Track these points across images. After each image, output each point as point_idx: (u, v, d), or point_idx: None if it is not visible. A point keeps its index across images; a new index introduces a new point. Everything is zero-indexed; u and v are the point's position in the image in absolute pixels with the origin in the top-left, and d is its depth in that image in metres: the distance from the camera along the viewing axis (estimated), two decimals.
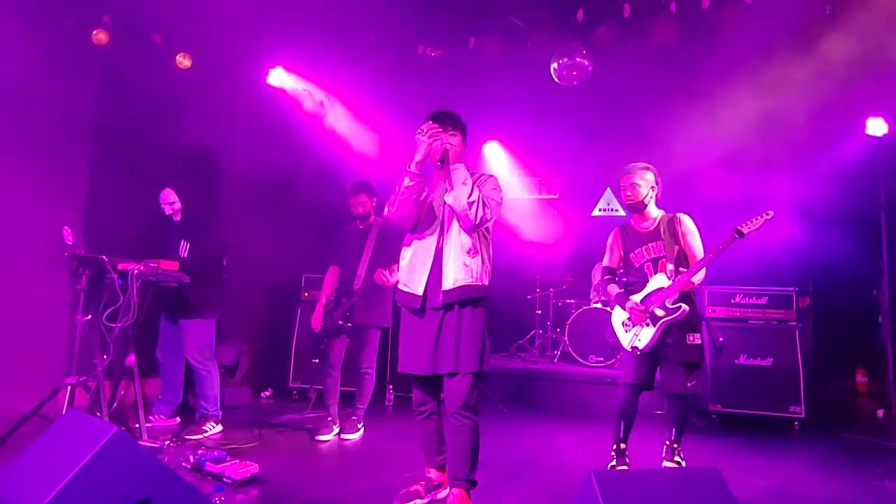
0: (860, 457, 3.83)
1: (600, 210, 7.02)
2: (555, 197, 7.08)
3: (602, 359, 5.64)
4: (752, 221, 2.92)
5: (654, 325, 3.03)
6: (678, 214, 3.22)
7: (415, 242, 2.73)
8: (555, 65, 5.12)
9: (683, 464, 3.18)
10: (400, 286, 2.76)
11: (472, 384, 2.60)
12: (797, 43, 4.66)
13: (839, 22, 4.51)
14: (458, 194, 2.56)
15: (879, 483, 3.26)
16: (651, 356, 3.09)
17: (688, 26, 4.78)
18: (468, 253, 2.63)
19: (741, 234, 2.92)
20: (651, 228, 3.21)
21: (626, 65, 5.09)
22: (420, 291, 2.64)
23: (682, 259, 3.12)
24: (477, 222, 2.58)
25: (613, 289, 3.28)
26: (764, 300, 4.58)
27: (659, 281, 3.10)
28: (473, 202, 2.55)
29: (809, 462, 3.72)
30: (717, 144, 5.01)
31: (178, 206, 4.00)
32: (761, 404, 4.39)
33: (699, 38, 4.80)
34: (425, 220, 2.71)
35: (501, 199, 2.75)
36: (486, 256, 2.70)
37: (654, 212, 3.23)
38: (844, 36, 4.51)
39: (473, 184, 2.60)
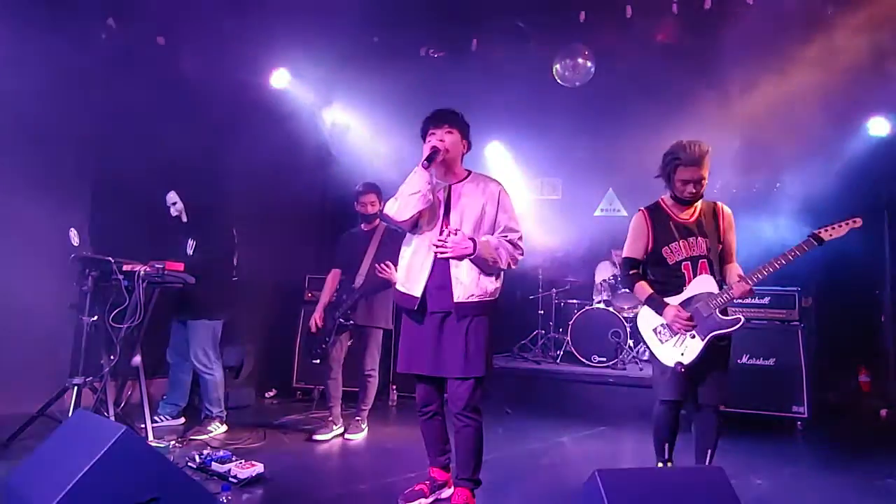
0: (863, 456, 3.83)
1: (602, 210, 7.03)
2: (557, 198, 7.10)
3: (605, 358, 5.65)
4: (834, 228, 2.58)
5: (704, 338, 2.64)
6: (720, 204, 2.82)
7: (415, 242, 2.72)
8: (557, 66, 5.15)
9: None
10: (398, 286, 2.77)
11: (475, 385, 2.61)
12: (799, 43, 4.67)
13: (841, 22, 4.52)
14: (487, 267, 2.60)
15: (882, 482, 3.26)
16: (692, 368, 2.68)
17: (690, 27, 4.79)
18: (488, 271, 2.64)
19: (820, 242, 2.58)
20: (692, 219, 2.76)
21: (628, 66, 5.10)
22: (418, 293, 2.63)
23: (722, 258, 2.76)
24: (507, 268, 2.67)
25: (644, 289, 2.76)
26: (767, 300, 4.59)
27: (704, 284, 2.68)
28: (500, 265, 2.62)
29: (812, 461, 3.73)
30: (720, 145, 5.00)
31: (180, 206, 4.02)
32: (764, 404, 4.39)
33: (701, 39, 4.81)
34: (426, 218, 2.69)
35: (520, 229, 2.74)
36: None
37: None
38: (846, 36, 4.52)
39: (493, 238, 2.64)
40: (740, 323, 2.64)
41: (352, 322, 3.87)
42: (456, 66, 5.39)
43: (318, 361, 3.90)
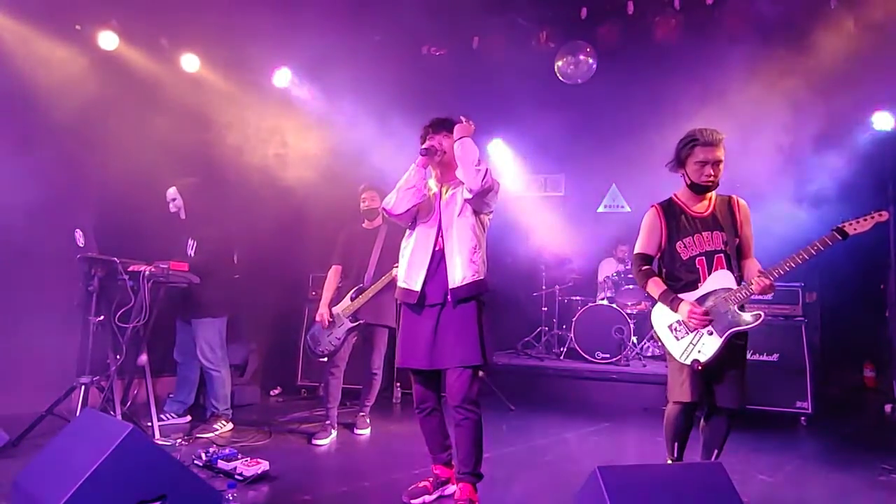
0: (867, 452, 3.82)
1: (606, 207, 7.03)
2: (560, 194, 7.11)
3: (608, 355, 5.66)
4: (858, 221, 2.48)
5: (721, 335, 2.52)
6: (735, 197, 2.71)
7: (414, 238, 2.79)
8: (559, 63, 5.14)
9: None
10: (399, 283, 2.81)
11: (471, 378, 2.64)
12: (803, 37, 4.65)
13: (845, 15, 4.50)
14: (469, 159, 2.60)
15: (886, 478, 3.26)
16: (709, 367, 2.56)
17: (691, 22, 4.78)
18: (473, 249, 2.68)
19: (844, 236, 2.47)
20: (707, 213, 2.67)
21: (630, 62, 5.10)
22: (418, 288, 2.70)
23: (740, 253, 2.66)
24: (483, 185, 2.58)
25: (657, 285, 2.66)
26: (770, 295, 4.56)
27: (721, 280, 2.57)
28: (480, 170, 2.59)
29: (815, 457, 3.73)
30: (723, 140, 5.00)
31: (179, 202, 4.03)
32: (767, 400, 4.39)
33: (703, 34, 4.80)
34: (424, 216, 2.78)
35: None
36: (484, 248, 2.77)
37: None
38: (850, 29, 4.50)
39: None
40: (760, 319, 2.51)
41: (361, 321, 3.88)
42: (457, 64, 5.39)
43: (325, 359, 3.91)
